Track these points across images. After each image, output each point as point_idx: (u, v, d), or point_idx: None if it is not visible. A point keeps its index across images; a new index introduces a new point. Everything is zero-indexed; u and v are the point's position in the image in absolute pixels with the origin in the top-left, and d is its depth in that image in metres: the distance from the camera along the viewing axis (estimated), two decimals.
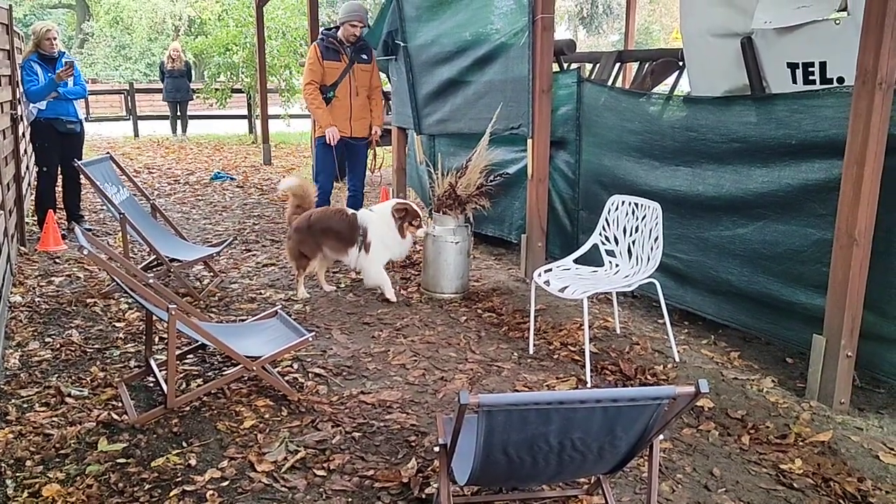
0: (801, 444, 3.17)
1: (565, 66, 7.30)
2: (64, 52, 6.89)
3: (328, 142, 6.19)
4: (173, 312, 3.18)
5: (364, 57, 6.33)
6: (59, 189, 7.18)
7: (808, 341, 3.57)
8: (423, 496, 2.78)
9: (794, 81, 4.75)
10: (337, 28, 6.33)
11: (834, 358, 3.44)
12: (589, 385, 3.74)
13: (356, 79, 6.29)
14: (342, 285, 5.49)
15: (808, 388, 3.62)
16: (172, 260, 5.21)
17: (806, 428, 3.30)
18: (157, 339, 4.14)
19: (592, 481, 2.68)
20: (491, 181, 5.36)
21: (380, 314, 4.85)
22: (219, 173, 10.81)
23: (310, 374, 3.88)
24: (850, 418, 3.42)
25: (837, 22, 4.36)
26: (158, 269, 5.39)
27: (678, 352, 4.15)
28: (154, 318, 3.57)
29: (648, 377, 3.86)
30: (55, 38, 6.70)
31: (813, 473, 2.94)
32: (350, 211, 5.19)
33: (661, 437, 2.17)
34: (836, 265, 3.40)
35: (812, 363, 3.57)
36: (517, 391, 3.71)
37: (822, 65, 4.49)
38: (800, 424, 3.34)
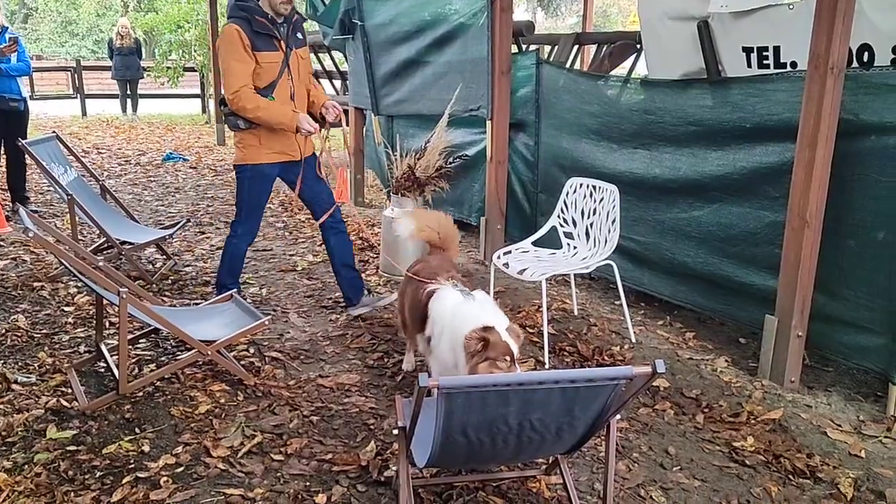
0: (753, 422, 3.24)
1: (524, 47, 7.29)
2: (7, 27, 6.63)
3: (310, 130, 4.00)
4: (124, 296, 3.09)
5: (300, 37, 4.20)
6: (2, 169, 6.93)
7: (761, 322, 3.64)
8: (382, 479, 2.77)
9: (749, 65, 4.83)
10: None
11: (785, 338, 3.52)
12: (547, 366, 3.77)
13: (297, 72, 4.12)
14: (299, 268, 5.42)
15: (760, 368, 3.70)
16: (123, 242, 5.08)
17: (758, 406, 3.38)
18: (107, 324, 4.04)
19: (551, 461, 2.70)
20: (450, 163, 5.33)
21: (337, 297, 4.80)
22: (171, 154, 10.56)
23: (266, 358, 3.82)
24: (800, 396, 3.50)
25: (791, 7, 4.43)
26: (109, 251, 5.24)
27: (635, 333, 4.20)
28: (105, 301, 3.48)
29: (606, 358, 3.90)
30: None
31: (764, 450, 3.01)
32: (431, 285, 3.17)
33: (618, 416, 2.18)
34: (788, 247, 3.47)
35: (764, 343, 3.64)
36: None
37: (776, 49, 4.57)
38: (752, 403, 3.41)
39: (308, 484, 2.74)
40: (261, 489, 2.70)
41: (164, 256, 5.45)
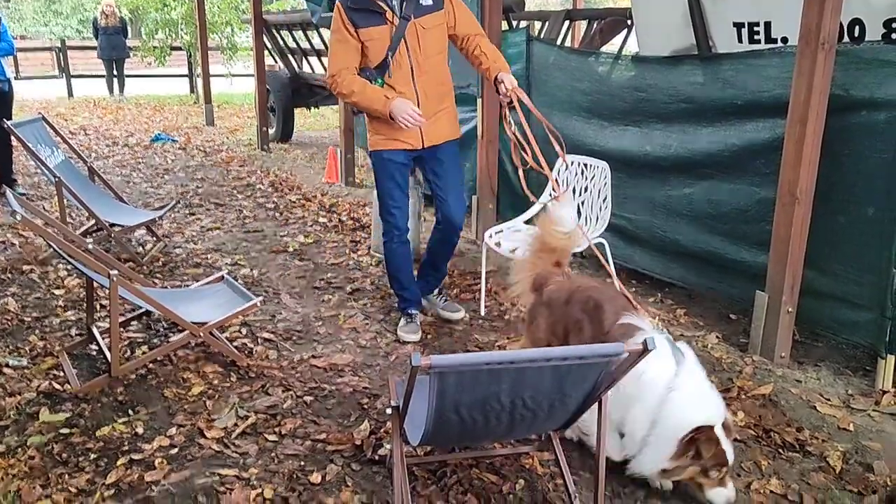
0: (743, 397, 3.27)
1: (514, 24, 7.23)
2: None
3: (409, 121, 3.43)
4: (115, 278, 3.08)
5: (424, 3, 3.51)
6: None
7: (751, 298, 3.66)
8: (377, 457, 2.78)
9: (740, 41, 4.81)
10: None
11: (775, 313, 3.54)
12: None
13: (420, 46, 3.53)
14: (290, 249, 5.40)
15: (750, 343, 3.73)
16: (113, 225, 5.04)
17: (748, 381, 3.40)
18: (98, 307, 4.02)
19: (543, 438, 2.72)
20: None
21: (329, 278, 4.80)
22: (159, 135, 10.47)
23: (259, 340, 3.82)
24: (790, 371, 3.54)
25: None
26: (98, 234, 5.21)
27: None
28: (95, 284, 3.46)
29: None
30: None
31: (755, 425, 3.04)
32: (625, 319, 2.61)
33: (609, 392, 2.19)
34: (778, 223, 3.48)
35: (755, 319, 3.66)
36: (469, 352, 3.73)
37: (767, 24, 4.55)
38: (742, 378, 3.44)
39: (303, 463, 2.76)
40: (255, 469, 2.71)
41: (154, 238, 5.42)
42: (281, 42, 10.30)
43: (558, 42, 7.14)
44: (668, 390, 2.39)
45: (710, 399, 2.43)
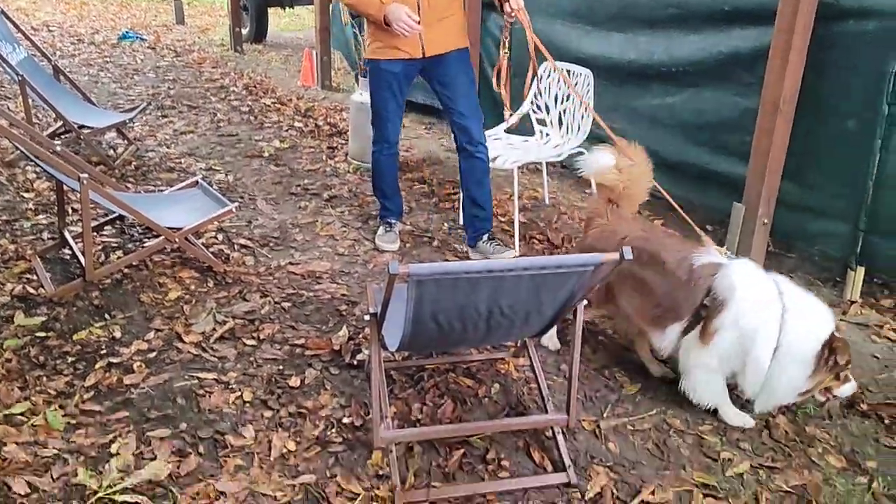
0: None
1: None
2: None
3: (405, 28, 3.23)
4: (85, 182, 3.01)
5: None
6: None
7: (729, 209, 3.68)
8: (355, 362, 2.82)
9: None
10: None
11: (751, 225, 3.56)
12: (517, 254, 3.80)
13: None
14: (265, 154, 5.30)
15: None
16: (81, 126, 4.89)
17: None
18: (70, 210, 3.95)
19: (519, 345, 2.77)
20: None
21: (306, 184, 4.73)
22: (127, 33, 10.05)
23: (235, 246, 3.80)
24: None
25: None
26: (66, 136, 5.05)
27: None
28: (66, 188, 3.38)
29: (575, 246, 3.94)
30: None
31: None
32: (701, 258, 2.50)
33: (585, 302, 2.22)
34: (759, 134, 3.46)
35: (731, 230, 3.69)
36: (447, 261, 3.74)
37: None
38: None
39: (281, 368, 2.79)
40: (234, 373, 2.74)
41: (126, 141, 5.28)
42: None
43: None
44: (782, 313, 2.33)
45: (818, 306, 2.39)
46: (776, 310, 2.33)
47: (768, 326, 2.33)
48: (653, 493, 2.23)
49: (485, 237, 3.75)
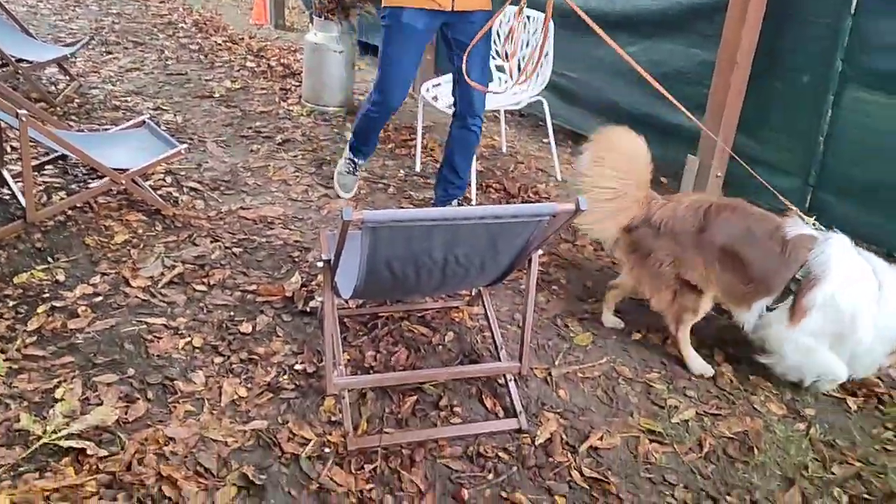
0: None
1: None
2: None
3: None
4: (24, 118, 2.87)
5: None
6: None
7: (683, 162, 3.70)
8: (308, 309, 2.79)
9: None
10: None
11: (704, 178, 3.61)
12: (474, 202, 3.78)
13: None
14: (216, 95, 5.14)
15: None
16: (20, 60, 4.64)
17: None
18: (9, 149, 3.77)
19: (474, 293, 2.78)
20: None
21: (258, 127, 4.61)
22: None
23: (185, 189, 3.69)
24: None
25: None
26: (3, 70, 4.79)
27: (561, 171, 4.24)
28: (3, 125, 3.22)
29: (531, 195, 3.94)
30: None
31: None
32: (793, 230, 2.40)
33: (539, 251, 2.22)
34: (715, 87, 3.47)
35: (684, 183, 3.73)
36: (403, 208, 3.71)
37: None
38: None
39: (232, 314, 2.75)
40: (184, 318, 2.69)
41: (68, 78, 5.05)
42: None
43: None
44: (879, 289, 2.28)
45: None
46: (873, 288, 2.29)
47: (869, 306, 2.27)
48: (601, 438, 2.28)
49: (454, 202, 3.65)
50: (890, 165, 3.11)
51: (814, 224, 2.41)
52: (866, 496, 2.14)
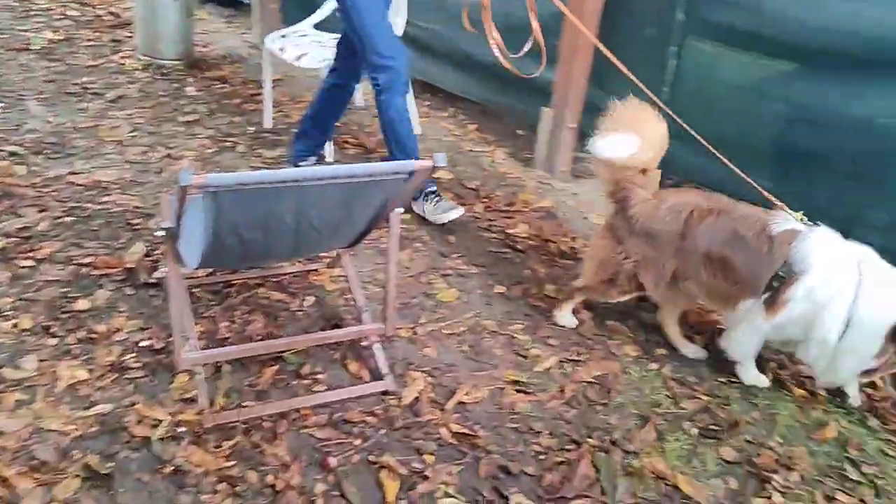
0: (525, 210, 3.43)
1: None
2: None
3: None
4: None
5: None
6: None
7: (539, 114, 3.74)
8: (152, 281, 2.59)
9: None
10: None
11: (559, 129, 3.66)
12: (330, 160, 3.64)
13: None
14: (34, 47, 4.61)
15: (535, 159, 3.86)
16: None
17: (531, 195, 3.56)
18: None
19: (334, 256, 2.68)
20: None
21: (86, 83, 4.19)
22: None
23: (2, 153, 3.30)
24: (569, 185, 3.74)
25: None
26: None
27: (419, 124, 4.16)
28: None
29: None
30: None
31: (535, 236, 3.21)
32: (778, 226, 2.29)
33: (400, 210, 2.15)
34: (565, 39, 3.50)
35: (539, 135, 3.78)
36: (254, 168, 3.51)
37: None
38: (526, 192, 3.59)
39: (66, 290, 2.49)
40: (9, 298, 2.42)
41: None
42: None
43: None
44: (857, 286, 2.15)
45: None
46: (851, 282, 2.17)
47: (840, 300, 2.17)
48: (467, 393, 2.28)
49: (311, 160, 3.50)
50: (730, 115, 3.27)
51: (801, 218, 2.34)
52: (713, 426, 2.27)
